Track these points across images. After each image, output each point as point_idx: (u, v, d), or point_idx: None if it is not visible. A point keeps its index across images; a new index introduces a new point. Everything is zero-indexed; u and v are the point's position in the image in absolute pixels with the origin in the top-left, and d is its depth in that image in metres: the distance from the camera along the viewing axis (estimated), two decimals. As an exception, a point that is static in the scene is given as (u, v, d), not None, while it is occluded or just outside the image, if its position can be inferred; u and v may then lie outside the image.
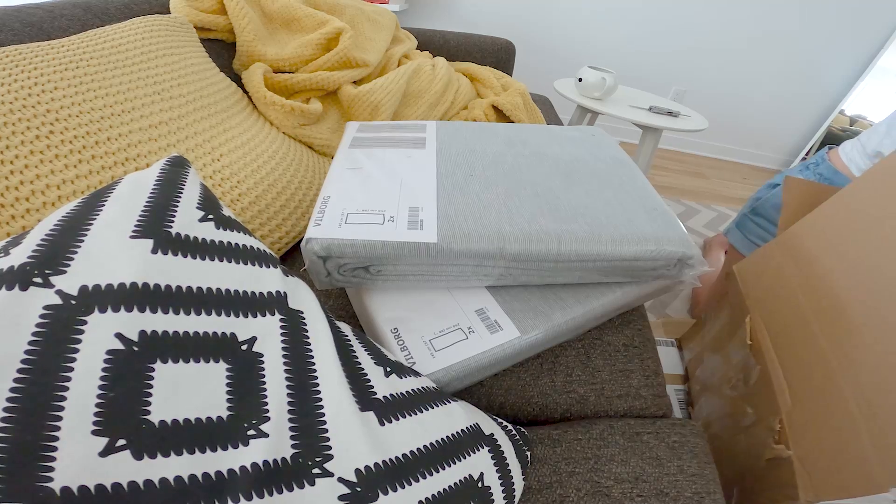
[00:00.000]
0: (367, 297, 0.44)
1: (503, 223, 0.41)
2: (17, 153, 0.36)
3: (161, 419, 0.21)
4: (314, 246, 0.38)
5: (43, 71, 0.41)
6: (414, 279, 0.42)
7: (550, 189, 0.47)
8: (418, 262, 0.40)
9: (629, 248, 0.42)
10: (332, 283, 0.41)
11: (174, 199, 0.29)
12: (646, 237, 0.43)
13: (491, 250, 0.40)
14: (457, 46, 1.20)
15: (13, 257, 0.22)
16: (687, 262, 0.44)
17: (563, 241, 0.41)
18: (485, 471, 0.33)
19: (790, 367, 0.57)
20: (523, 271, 0.43)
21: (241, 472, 0.22)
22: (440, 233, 0.39)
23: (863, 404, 0.45)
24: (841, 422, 0.47)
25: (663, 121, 1.21)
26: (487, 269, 0.42)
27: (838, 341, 0.51)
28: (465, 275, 0.42)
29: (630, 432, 0.43)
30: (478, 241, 0.40)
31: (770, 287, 0.66)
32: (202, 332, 0.25)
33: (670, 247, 0.43)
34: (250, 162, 0.56)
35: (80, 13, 0.55)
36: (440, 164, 0.49)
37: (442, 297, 0.43)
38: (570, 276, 0.45)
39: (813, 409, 0.51)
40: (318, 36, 0.75)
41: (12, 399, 0.18)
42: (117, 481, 0.19)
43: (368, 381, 0.31)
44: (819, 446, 0.48)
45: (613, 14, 2.00)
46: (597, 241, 0.42)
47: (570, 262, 0.42)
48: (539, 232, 0.41)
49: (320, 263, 0.39)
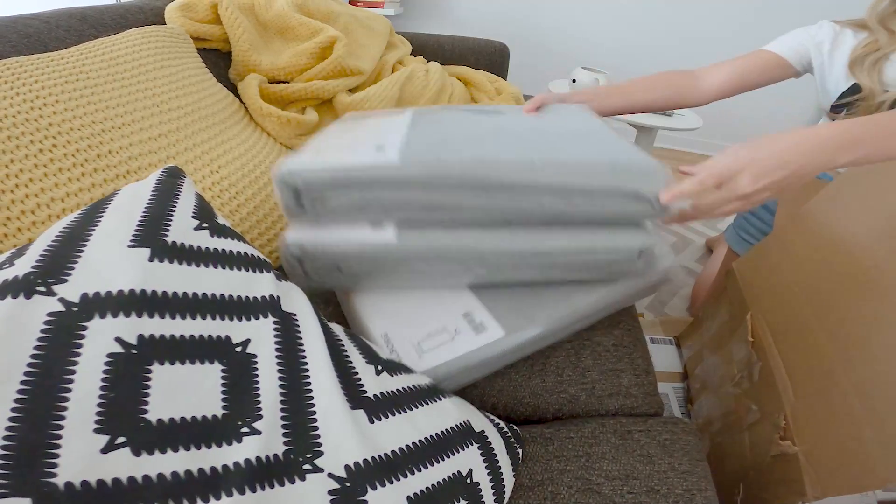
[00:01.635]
0: (358, 306, 0.45)
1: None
2: (22, 167, 0.38)
3: (159, 418, 0.22)
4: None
5: (44, 84, 0.43)
6: (385, 277, 0.43)
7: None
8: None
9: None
10: (309, 283, 0.43)
11: (170, 209, 0.30)
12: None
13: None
14: (451, 50, 1.21)
15: (17, 267, 0.23)
16: (648, 254, 0.43)
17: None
18: (474, 467, 0.34)
19: (792, 363, 0.57)
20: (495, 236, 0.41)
21: (234, 467, 0.23)
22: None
23: (864, 399, 0.45)
24: (844, 417, 0.47)
25: (657, 120, 1.22)
26: (458, 226, 0.41)
27: (836, 336, 0.51)
28: (436, 258, 0.42)
29: (621, 430, 0.44)
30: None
31: (769, 283, 0.67)
32: (198, 336, 0.26)
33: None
34: (248, 173, 0.57)
35: (77, 24, 0.56)
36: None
37: (430, 303, 0.45)
38: (542, 259, 0.43)
39: (816, 404, 0.51)
40: (312, 45, 0.77)
41: (19, 400, 0.19)
42: (117, 477, 0.20)
43: (359, 380, 0.32)
44: (824, 442, 0.48)
45: (607, 14, 2.01)
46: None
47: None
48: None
49: (296, 263, 0.41)
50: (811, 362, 0.54)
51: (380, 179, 0.39)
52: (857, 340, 0.49)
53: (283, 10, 0.79)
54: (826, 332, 0.53)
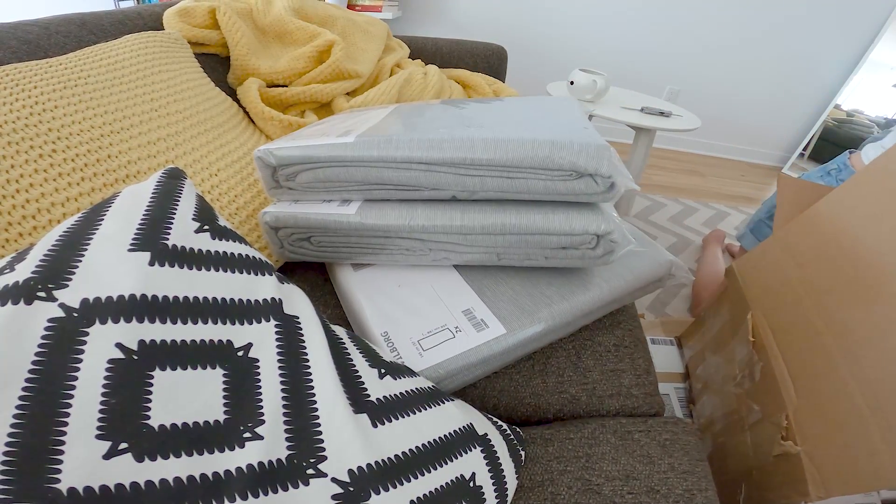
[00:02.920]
0: (358, 306, 0.45)
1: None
2: (23, 172, 0.38)
3: (160, 423, 0.22)
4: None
5: (43, 90, 0.43)
6: (349, 251, 0.48)
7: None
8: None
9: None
10: (282, 253, 0.50)
11: (170, 211, 0.30)
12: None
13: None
14: (449, 53, 1.22)
15: (18, 273, 0.23)
16: (606, 241, 0.43)
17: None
18: (476, 470, 0.34)
19: (794, 363, 0.57)
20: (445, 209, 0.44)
21: (236, 472, 0.23)
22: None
23: (869, 398, 0.45)
24: (848, 416, 0.47)
25: (655, 121, 1.22)
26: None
27: (841, 336, 0.51)
28: (393, 234, 0.45)
29: (621, 431, 0.44)
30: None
31: (770, 284, 0.67)
32: (199, 340, 0.26)
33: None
34: (247, 176, 0.57)
35: (76, 29, 0.57)
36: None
37: (430, 300, 0.45)
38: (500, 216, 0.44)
39: (819, 404, 0.51)
40: (310, 49, 0.77)
41: (21, 406, 0.19)
42: (120, 482, 0.20)
43: (362, 384, 0.32)
44: (827, 442, 0.48)
45: (606, 16, 2.02)
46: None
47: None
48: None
49: (272, 232, 0.49)
50: (815, 362, 0.54)
51: (336, 157, 0.44)
52: (864, 341, 0.49)
53: (280, 15, 0.79)
54: (832, 333, 0.53)
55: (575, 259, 0.45)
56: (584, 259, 0.45)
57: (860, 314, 0.50)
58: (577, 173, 0.41)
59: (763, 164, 2.40)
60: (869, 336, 0.48)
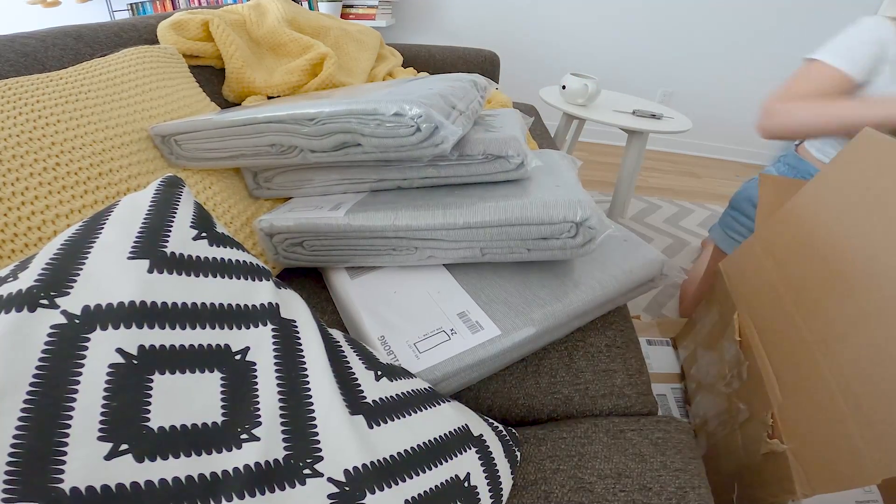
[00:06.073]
0: (354, 310, 0.46)
1: None
2: (27, 185, 0.38)
3: (160, 425, 0.23)
4: None
5: (45, 104, 0.44)
6: (340, 254, 0.51)
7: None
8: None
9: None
10: (278, 259, 0.53)
11: (168, 219, 0.31)
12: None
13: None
14: (442, 60, 1.24)
15: (21, 281, 0.24)
16: (585, 227, 0.44)
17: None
18: (471, 471, 0.34)
19: (778, 362, 0.58)
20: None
21: (234, 472, 0.24)
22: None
23: (848, 396, 0.46)
24: (830, 414, 0.47)
25: (647, 123, 1.24)
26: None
27: (820, 333, 0.52)
28: (381, 235, 0.49)
29: (614, 430, 0.45)
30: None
31: (753, 283, 0.68)
32: (197, 345, 0.27)
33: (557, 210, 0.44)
34: (243, 187, 0.58)
35: (72, 42, 0.57)
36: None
37: (426, 304, 0.46)
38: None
39: (803, 402, 0.52)
40: (303, 62, 0.78)
41: (26, 410, 0.20)
42: (121, 482, 0.21)
43: (359, 386, 0.33)
44: (812, 440, 0.48)
45: (598, 20, 2.05)
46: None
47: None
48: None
49: (268, 240, 0.52)
50: (797, 360, 0.55)
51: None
52: (839, 338, 0.49)
53: (274, 27, 0.81)
54: (810, 331, 0.53)
55: (556, 250, 0.46)
56: (567, 249, 0.45)
57: (835, 309, 0.51)
58: (492, 156, 0.50)
59: (758, 164, 2.42)
60: (844, 332, 0.49)
